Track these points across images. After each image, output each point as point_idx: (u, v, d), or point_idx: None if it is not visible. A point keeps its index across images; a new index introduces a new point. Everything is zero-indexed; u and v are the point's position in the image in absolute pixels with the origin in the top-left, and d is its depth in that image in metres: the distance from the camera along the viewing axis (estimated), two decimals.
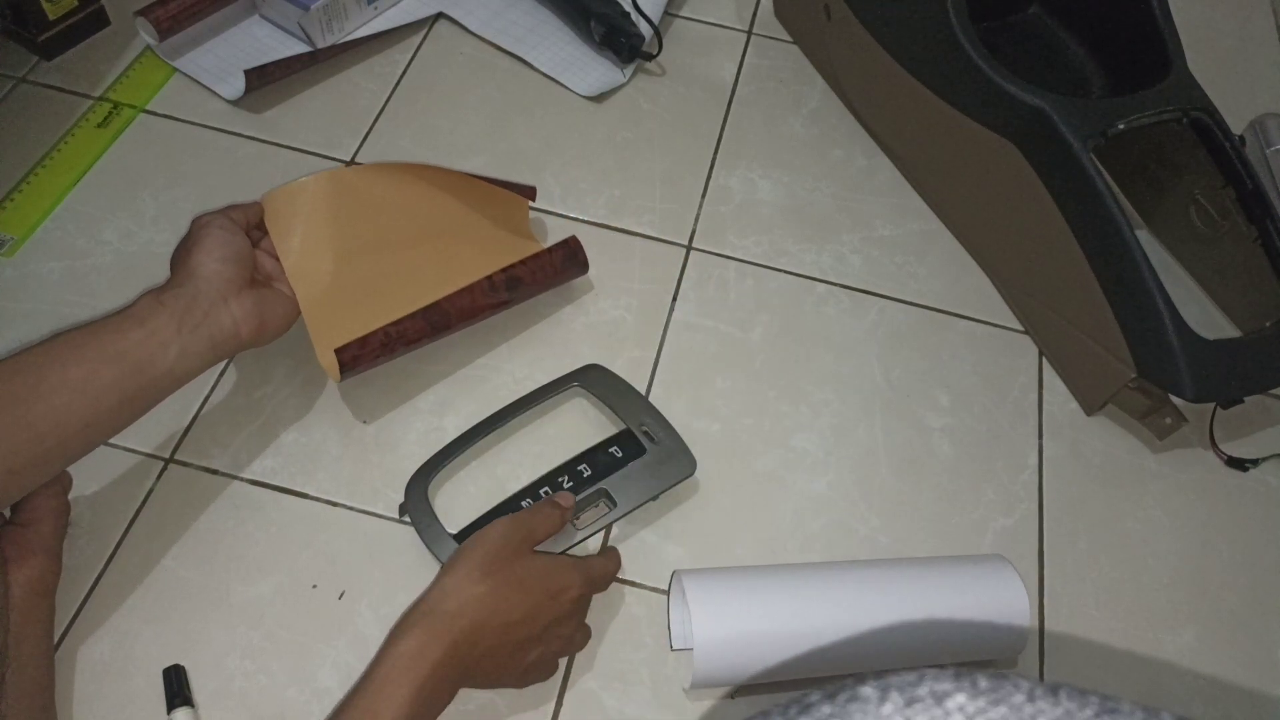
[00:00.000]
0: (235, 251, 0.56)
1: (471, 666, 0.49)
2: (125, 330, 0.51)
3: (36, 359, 0.49)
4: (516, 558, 0.51)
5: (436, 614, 0.48)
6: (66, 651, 0.54)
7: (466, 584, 0.49)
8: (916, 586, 0.55)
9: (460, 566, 0.50)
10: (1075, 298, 0.66)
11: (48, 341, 0.50)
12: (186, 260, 0.55)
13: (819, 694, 0.24)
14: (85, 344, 0.50)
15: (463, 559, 0.51)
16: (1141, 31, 0.70)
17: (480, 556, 0.50)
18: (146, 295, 0.53)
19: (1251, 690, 0.58)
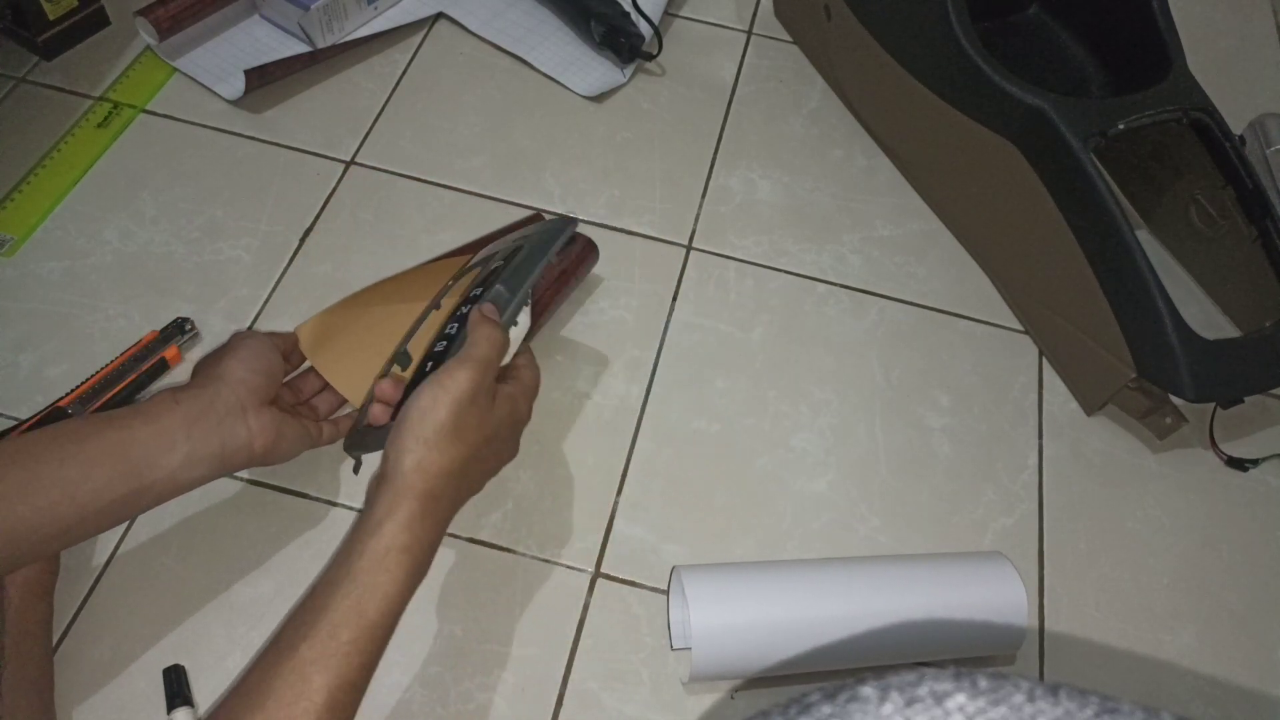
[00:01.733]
0: (267, 365, 0.53)
1: (448, 521, 0.48)
2: (133, 426, 0.48)
3: (36, 449, 0.46)
4: (485, 413, 0.49)
5: (420, 498, 0.45)
6: (66, 651, 0.54)
7: (445, 458, 0.47)
8: (914, 582, 0.55)
9: (435, 434, 0.47)
10: (1075, 298, 0.66)
11: (56, 427, 0.47)
12: (215, 365, 0.53)
13: (819, 694, 0.24)
14: (88, 437, 0.47)
15: (435, 424, 0.47)
16: (1141, 31, 0.70)
17: (453, 421, 0.47)
18: (165, 392, 0.50)
19: (1251, 690, 0.58)
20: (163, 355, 0.63)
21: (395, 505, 0.45)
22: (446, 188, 0.75)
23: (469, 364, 0.48)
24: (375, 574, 0.44)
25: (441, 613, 0.57)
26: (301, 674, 0.41)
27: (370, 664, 0.43)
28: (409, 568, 0.45)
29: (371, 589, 0.43)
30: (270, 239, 0.71)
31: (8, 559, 0.45)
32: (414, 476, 0.46)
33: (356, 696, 0.43)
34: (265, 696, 0.40)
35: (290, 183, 0.74)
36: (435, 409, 0.47)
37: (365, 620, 0.43)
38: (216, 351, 0.55)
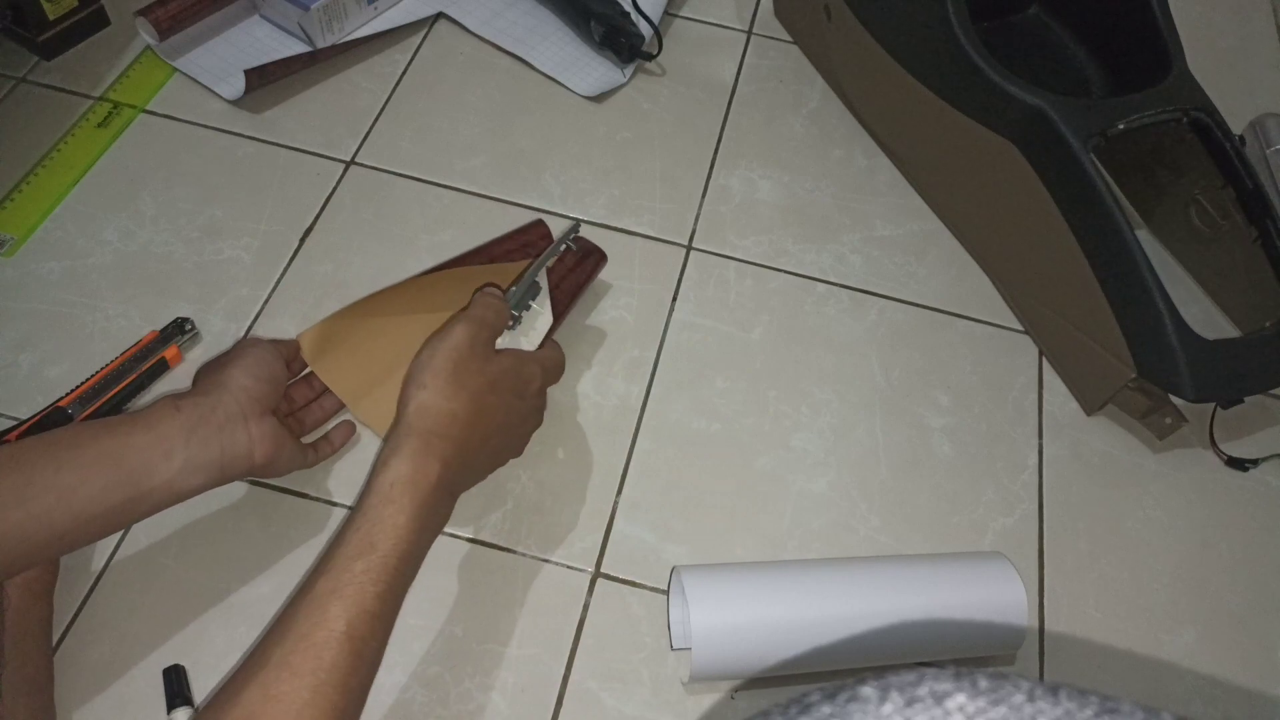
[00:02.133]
0: (270, 372, 0.54)
1: (460, 479, 0.49)
2: (131, 433, 0.48)
3: (31, 455, 0.46)
4: (484, 361, 0.51)
5: (421, 435, 0.47)
6: (66, 651, 0.54)
7: (444, 400, 0.48)
8: (914, 581, 0.55)
9: (432, 380, 0.49)
10: (1075, 298, 0.66)
11: (53, 433, 0.47)
12: (218, 371, 0.53)
13: (819, 694, 0.24)
14: (85, 444, 0.47)
15: (432, 371, 0.49)
16: (1141, 31, 0.70)
17: (450, 367, 0.49)
18: (165, 398, 0.50)
19: (1251, 690, 0.58)
20: (163, 355, 0.63)
21: (399, 444, 0.47)
22: (446, 188, 0.75)
23: (464, 319, 0.51)
24: (382, 507, 0.45)
25: (441, 613, 0.57)
26: (319, 604, 0.42)
27: (388, 595, 0.44)
28: (415, 499, 0.46)
29: (379, 521, 0.45)
30: (270, 239, 0.71)
31: (2, 565, 0.45)
32: (414, 417, 0.48)
33: (378, 626, 0.43)
34: (286, 629, 0.42)
35: (290, 183, 0.74)
36: (434, 357, 0.50)
37: (376, 551, 0.44)
38: (220, 357, 0.55)
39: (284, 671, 0.40)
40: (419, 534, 0.46)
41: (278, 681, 0.40)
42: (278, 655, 0.41)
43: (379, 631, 0.43)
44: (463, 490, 0.51)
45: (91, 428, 0.48)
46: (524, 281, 0.58)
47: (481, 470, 0.53)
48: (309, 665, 0.40)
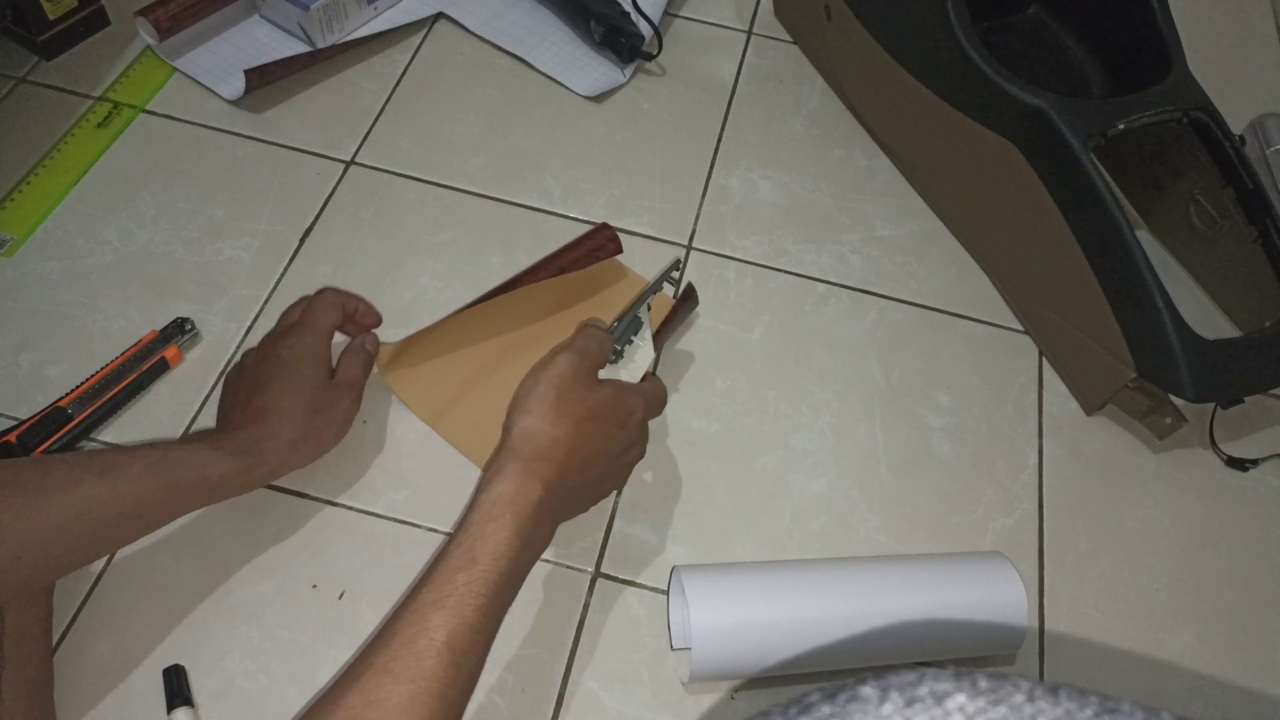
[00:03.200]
0: (309, 400, 0.56)
1: (562, 504, 0.50)
2: (170, 449, 0.51)
3: (72, 458, 0.49)
4: (587, 390, 0.52)
5: (524, 457, 0.48)
6: (66, 651, 0.54)
7: (547, 425, 0.50)
8: (914, 581, 0.55)
9: (536, 406, 0.50)
10: (1075, 298, 0.66)
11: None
12: (265, 392, 0.55)
13: (819, 694, 0.24)
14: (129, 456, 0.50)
15: (536, 398, 0.51)
16: (1141, 31, 0.70)
17: (554, 395, 0.51)
18: (203, 439, 0.53)
19: (1251, 690, 0.58)
20: (163, 355, 0.63)
21: (502, 465, 0.49)
22: (446, 188, 0.75)
23: (568, 349, 0.53)
24: (484, 523, 0.46)
25: None
26: (421, 614, 0.43)
27: (488, 609, 0.44)
28: (516, 518, 0.47)
29: (481, 537, 0.46)
30: (270, 239, 0.71)
31: (52, 555, 0.47)
32: (518, 441, 0.49)
33: (477, 640, 0.44)
34: (390, 636, 0.43)
35: (290, 183, 0.74)
36: (538, 385, 0.51)
37: (477, 565, 0.45)
38: (261, 370, 0.57)
39: (385, 677, 0.41)
40: (520, 552, 0.46)
41: (378, 687, 0.41)
42: (379, 661, 0.42)
43: (478, 646, 0.44)
44: (566, 518, 0.52)
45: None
46: (627, 316, 0.60)
47: (584, 498, 0.53)
48: (409, 672, 0.41)
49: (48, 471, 0.47)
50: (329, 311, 0.59)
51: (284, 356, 0.57)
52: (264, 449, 0.53)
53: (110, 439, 0.61)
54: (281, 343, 0.57)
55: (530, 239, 0.73)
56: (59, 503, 0.46)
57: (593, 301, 0.69)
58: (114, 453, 0.50)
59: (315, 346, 0.58)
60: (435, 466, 0.62)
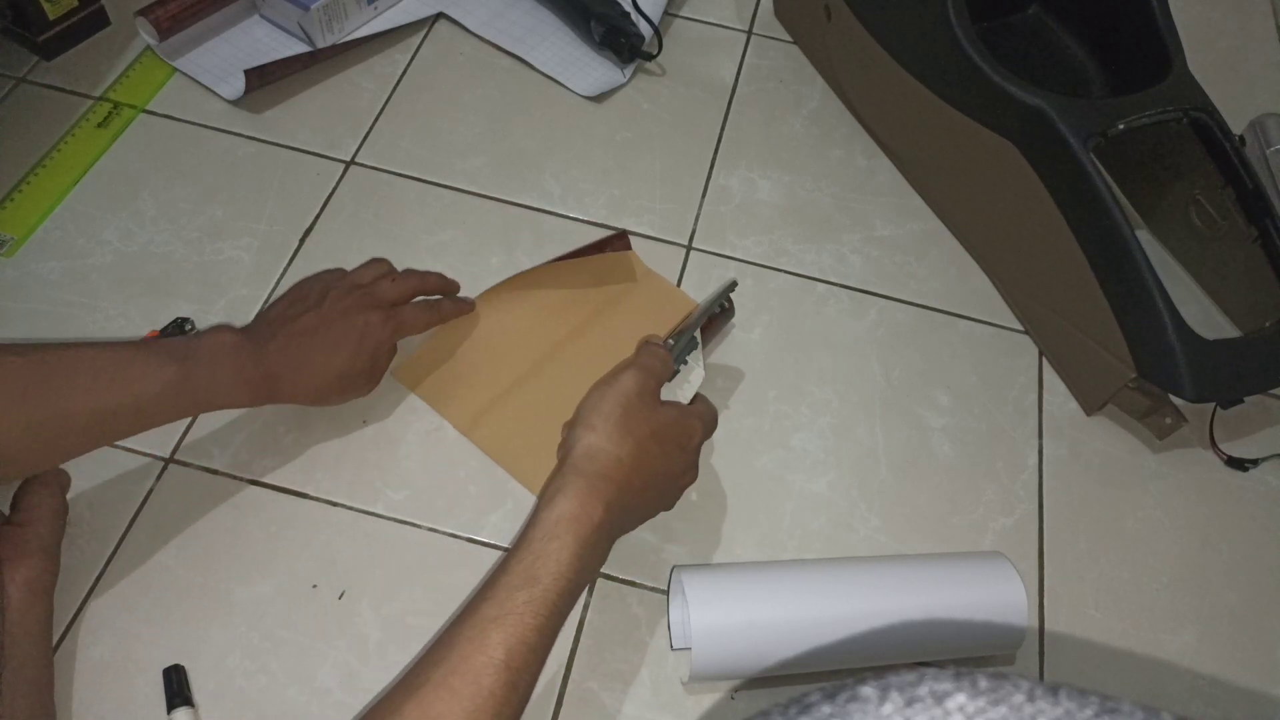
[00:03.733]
0: (338, 377, 0.57)
1: (619, 523, 0.50)
2: (195, 370, 0.52)
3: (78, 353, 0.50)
4: (650, 410, 0.52)
5: (587, 475, 0.48)
6: (66, 651, 0.54)
7: (611, 444, 0.49)
8: (914, 582, 0.55)
9: (600, 423, 0.50)
10: (1075, 298, 0.66)
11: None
12: (298, 358, 0.55)
13: (819, 694, 0.24)
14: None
15: (602, 415, 0.50)
16: (1141, 31, 0.70)
17: (619, 413, 0.50)
18: (229, 365, 0.53)
19: (1251, 690, 0.58)
20: None
21: (565, 482, 0.48)
22: (446, 188, 0.75)
23: (634, 368, 0.53)
24: (546, 541, 0.46)
25: (442, 613, 0.56)
26: (481, 630, 0.43)
27: (545, 629, 0.45)
28: (578, 537, 0.47)
29: (543, 555, 0.46)
30: (270, 239, 0.71)
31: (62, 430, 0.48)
32: (582, 459, 0.49)
33: (534, 659, 0.44)
34: (448, 650, 0.43)
35: (290, 183, 0.74)
36: (603, 402, 0.51)
37: (538, 585, 0.45)
38: (330, 326, 0.56)
39: (443, 691, 0.41)
40: (579, 572, 0.46)
41: (436, 701, 0.41)
42: (437, 675, 0.42)
43: (533, 665, 0.44)
44: (620, 535, 0.52)
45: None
46: (683, 335, 0.59)
47: (637, 517, 0.53)
48: (468, 689, 0.41)
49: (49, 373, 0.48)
50: (419, 327, 0.61)
51: (342, 329, 0.57)
52: (278, 390, 0.55)
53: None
54: (354, 313, 0.57)
55: (530, 239, 0.73)
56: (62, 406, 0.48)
57: (605, 293, 0.69)
58: (141, 366, 0.50)
59: (371, 337, 0.57)
60: (435, 466, 0.62)
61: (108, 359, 0.49)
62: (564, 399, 0.62)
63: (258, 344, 0.54)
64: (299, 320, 0.56)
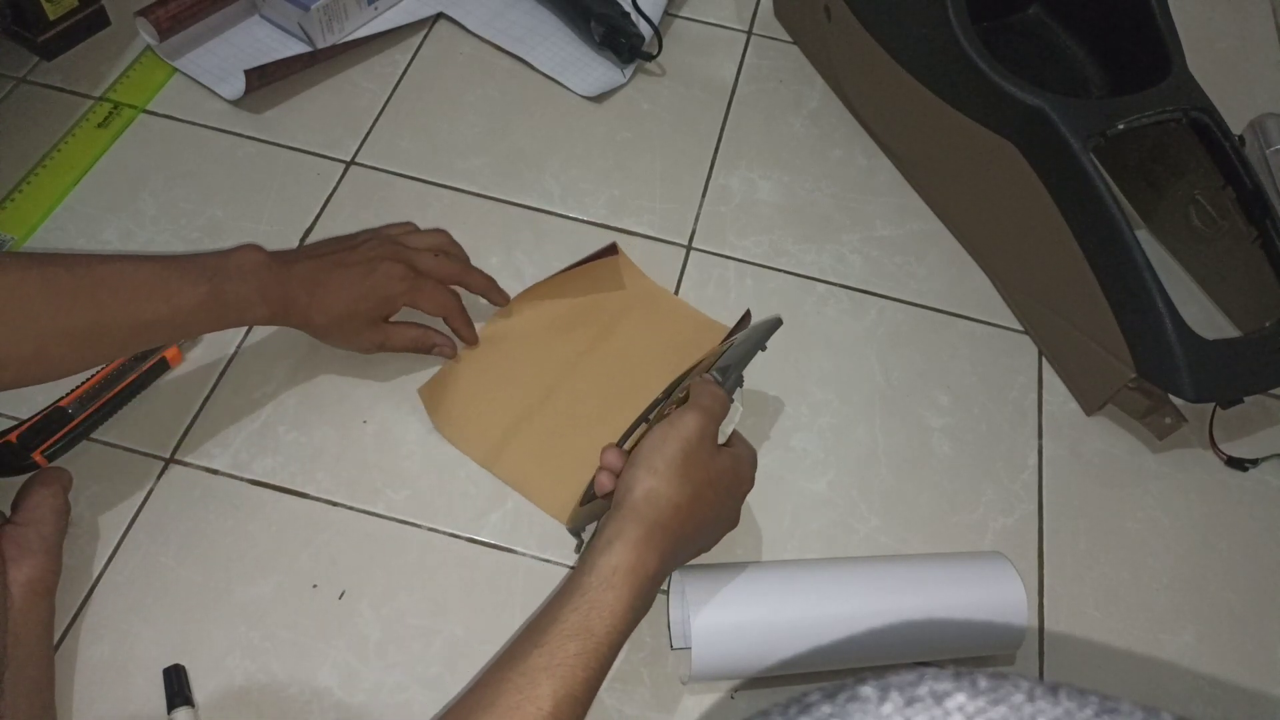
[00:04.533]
0: (359, 328, 0.60)
1: (670, 569, 0.50)
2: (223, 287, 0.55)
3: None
4: (710, 456, 0.51)
5: (646, 523, 0.47)
6: (66, 651, 0.54)
7: (671, 490, 0.48)
8: (914, 582, 0.55)
9: (663, 467, 0.49)
10: (1075, 298, 0.66)
11: None
12: (330, 279, 0.58)
13: (819, 694, 0.24)
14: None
15: (664, 458, 0.49)
16: (1141, 31, 0.71)
17: (681, 457, 0.49)
18: (255, 280, 0.55)
19: (1251, 690, 0.58)
20: (163, 355, 0.63)
21: (624, 527, 0.47)
22: (446, 188, 0.75)
23: (696, 410, 0.51)
24: (603, 591, 0.45)
25: (441, 613, 0.57)
26: (531, 679, 0.43)
27: (593, 680, 0.44)
28: (633, 588, 0.46)
29: (599, 605, 0.45)
30: (270, 239, 0.71)
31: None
32: (643, 504, 0.48)
33: (579, 711, 0.44)
34: (497, 695, 0.43)
35: (290, 183, 0.74)
36: (665, 444, 0.50)
37: (592, 636, 0.44)
38: (338, 262, 0.59)
39: None
40: (630, 624, 0.46)
41: None
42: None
43: (580, 715, 0.44)
44: (664, 579, 0.51)
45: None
46: (733, 373, 0.57)
47: (681, 561, 0.52)
48: None
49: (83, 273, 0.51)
50: (433, 308, 0.63)
51: (362, 270, 0.59)
52: (292, 311, 0.58)
53: (111, 439, 0.61)
54: (379, 261, 0.60)
55: (530, 239, 0.73)
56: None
57: (603, 307, 0.69)
58: (178, 281, 0.53)
59: (384, 287, 0.60)
60: (435, 466, 0.62)
61: (148, 274, 0.52)
62: (577, 423, 0.63)
63: (284, 265, 0.57)
64: (329, 254, 0.59)
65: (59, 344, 0.50)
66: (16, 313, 0.48)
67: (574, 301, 0.68)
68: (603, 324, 0.68)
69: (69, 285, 0.50)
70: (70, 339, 0.50)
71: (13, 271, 0.49)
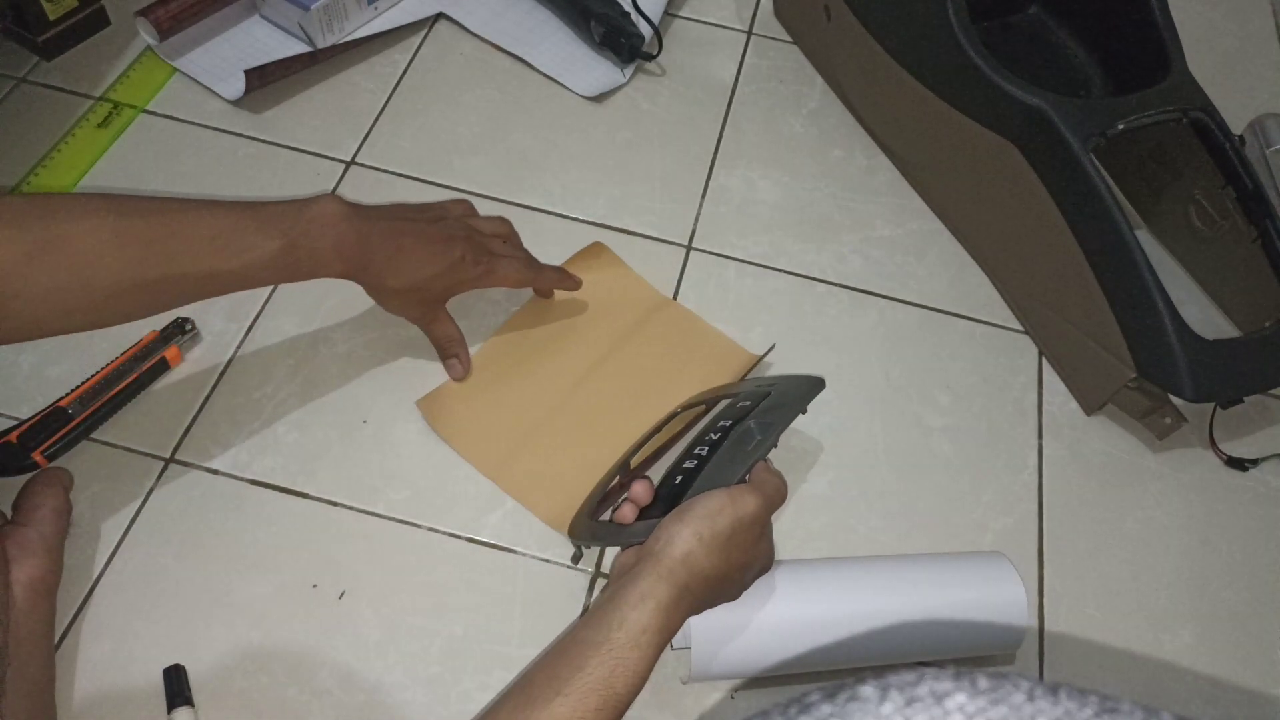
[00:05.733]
0: (426, 296, 0.61)
1: (684, 621, 0.49)
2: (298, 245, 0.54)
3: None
4: (755, 543, 0.50)
5: (680, 586, 0.47)
6: (66, 651, 0.54)
7: (710, 562, 0.48)
8: (914, 582, 0.55)
9: (709, 535, 0.48)
10: (1075, 298, 0.66)
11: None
12: (410, 251, 0.58)
13: (819, 694, 0.24)
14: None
15: (712, 526, 0.48)
16: (1141, 31, 0.71)
17: (729, 534, 0.48)
18: (333, 233, 0.55)
19: (1251, 690, 0.58)
20: (163, 355, 0.63)
21: (658, 586, 0.46)
22: (446, 188, 0.75)
23: (761, 495, 0.50)
24: (630, 649, 0.45)
25: (441, 613, 0.57)
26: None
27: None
28: (657, 649, 0.46)
29: (625, 664, 0.45)
30: None
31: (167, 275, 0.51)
32: (680, 567, 0.47)
33: None
34: None
35: (290, 183, 0.74)
36: (720, 515, 0.49)
37: (613, 694, 0.44)
38: (421, 233, 0.59)
39: None
40: (648, 677, 0.46)
41: None
42: None
43: None
44: None
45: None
46: (773, 433, 0.54)
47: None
48: None
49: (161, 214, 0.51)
50: (510, 283, 0.64)
51: (442, 248, 0.59)
52: (368, 268, 0.57)
53: (111, 439, 0.61)
54: (457, 243, 0.60)
55: (530, 239, 0.73)
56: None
57: (603, 310, 0.69)
58: (254, 233, 0.53)
59: (460, 270, 0.60)
60: (435, 466, 0.62)
61: (223, 226, 0.52)
62: (583, 435, 0.62)
63: (365, 220, 0.56)
64: (411, 222, 0.59)
65: (131, 294, 0.50)
66: (90, 263, 0.48)
67: (579, 312, 0.68)
68: (612, 335, 0.68)
69: (143, 234, 0.50)
70: (142, 289, 0.50)
71: (87, 219, 0.48)
